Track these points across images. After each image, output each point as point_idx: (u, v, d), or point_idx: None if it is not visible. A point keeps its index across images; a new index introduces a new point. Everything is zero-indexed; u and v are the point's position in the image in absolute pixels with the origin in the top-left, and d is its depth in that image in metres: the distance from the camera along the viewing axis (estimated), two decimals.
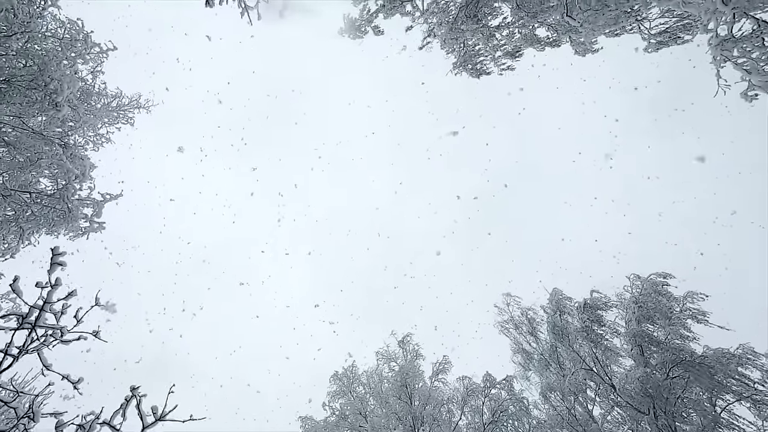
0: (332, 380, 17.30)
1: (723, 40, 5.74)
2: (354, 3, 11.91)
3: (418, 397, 15.84)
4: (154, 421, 4.89)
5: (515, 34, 11.62)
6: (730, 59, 5.76)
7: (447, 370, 17.66)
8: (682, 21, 9.30)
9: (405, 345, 17.47)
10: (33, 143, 8.77)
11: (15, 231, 8.90)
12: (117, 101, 14.53)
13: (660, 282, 16.89)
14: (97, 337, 5.97)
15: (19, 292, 5.07)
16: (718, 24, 6.05)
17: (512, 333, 19.49)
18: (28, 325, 5.17)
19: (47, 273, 5.14)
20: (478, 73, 13.24)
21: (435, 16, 11.86)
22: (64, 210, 8.95)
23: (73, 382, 5.80)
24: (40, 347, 5.36)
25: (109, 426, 5.00)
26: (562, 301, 18.62)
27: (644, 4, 8.06)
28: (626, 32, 9.26)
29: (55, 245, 5.11)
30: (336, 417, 16.05)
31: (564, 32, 9.31)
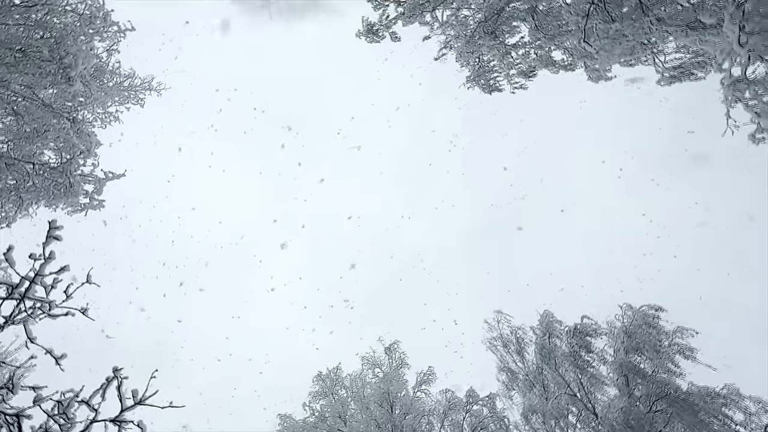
0: (315, 380, 17.23)
1: (736, 81, 5.78)
2: (374, 7, 11.98)
3: (399, 406, 15.77)
4: (133, 404, 4.86)
5: (531, 54, 11.68)
6: (742, 100, 5.80)
7: (431, 381, 17.59)
8: (696, 58, 9.37)
9: (391, 352, 17.42)
10: (41, 115, 8.79)
11: (14, 200, 8.89)
12: (129, 81, 14.57)
13: (651, 314, 16.88)
14: (84, 314, 5.95)
15: (11, 261, 5.05)
16: (732, 64, 6.09)
17: (500, 351, 19.44)
18: (18, 296, 5.15)
19: (42, 245, 5.13)
20: (491, 89, 13.29)
21: (453, 29, 11.93)
22: (65, 184, 8.95)
23: (55, 357, 5.77)
24: (27, 319, 5.34)
25: (87, 405, 4.97)
26: (552, 323, 18.60)
27: (661, 38, 8.13)
28: (641, 63, 9.33)
29: (52, 218, 5.10)
30: (315, 418, 15.97)
31: (579, 57, 9.37)
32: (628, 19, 7.40)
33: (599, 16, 7.63)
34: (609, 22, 7.40)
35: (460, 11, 11.45)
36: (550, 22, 10.10)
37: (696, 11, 7.28)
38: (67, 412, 4.75)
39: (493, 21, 10.20)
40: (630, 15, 7.61)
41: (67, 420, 4.66)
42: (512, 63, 12.11)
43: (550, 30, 10.35)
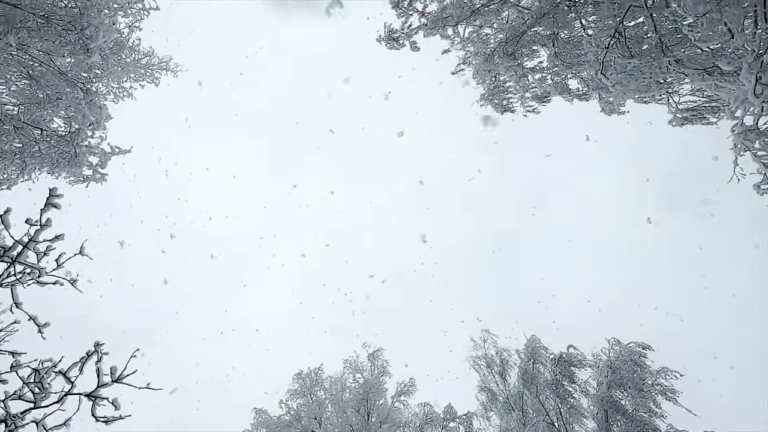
0: (295, 378, 17.13)
1: (747, 130, 5.81)
2: (397, 15, 12.07)
3: (376, 414, 15.65)
4: (111, 381, 4.83)
5: (547, 79, 11.74)
6: (751, 150, 5.82)
7: (411, 392, 17.48)
8: (710, 102, 9.42)
9: (374, 359, 17.33)
10: (56, 82, 8.81)
11: (18, 164, 8.88)
12: (147, 60, 14.64)
13: (638, 352, 16.83)
14: (73, 285, 5.94)
15: (7, 224, 5.04)
16: (745, 113, 6.12)
17: (482, 370, 19.35)
18: (8, 259, 5.14)
19: (39, 211, 5.13)
20: (503, 110, 13.36)
21: (473, 45, 12.00)
22: (70, 153, 8.95)
23: (39, 325, 5.75)
24: (16, 283, 5.33)
25: (64, 377, 4.94)
26: (538, 349, 18.53)
27: (677, 79, 8.17)
28: (655, 101, 9.37)
29: (53, 186, 5.10)
30: (290, 417, 15.85)
31: (595, 88, 9.42)
32: (647, 56, 7.44)
33: (619, 51, 7.68)
34: (628, 57, 7.44)
35: (482, 29, 11.54)
36: (569, 51, 10.17)
37: (715, 57, 7.33)
38: (43, 382, 4.72)
39: (514, 43, 10.26)
40: (649, 53, 7.66)
41: (42, 389, 4.62)
42: (528, 86, 12.17)
43: (568, 58, 10.42)
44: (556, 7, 9.07)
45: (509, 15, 11.17)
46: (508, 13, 11.13)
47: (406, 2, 11.85)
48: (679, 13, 7.14)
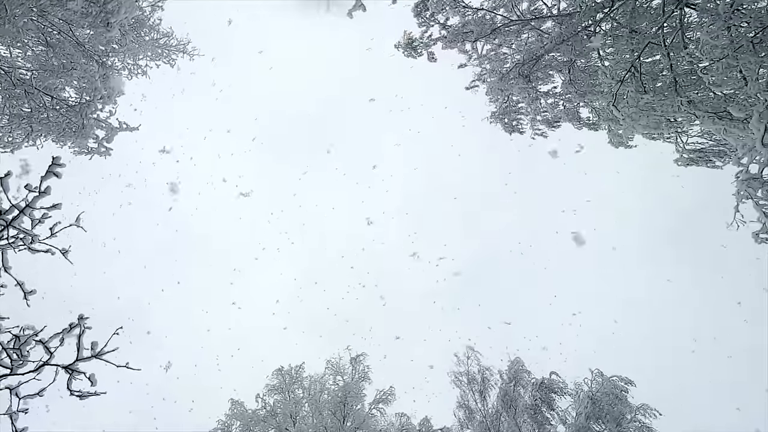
0: (274, 374, 17.03)
1: (751, 178, 5.83)
2: (418, 24, 12.14)
3: (352, 419, 15.55)
4: (90, 356, 4.80)
5: (560, 105, 11.81)
6: (753, 198, 5.84)
7: (389, 401, 17.38)
8: (718, 146, 9.47)
9: (356, 364, 17.25)
10: (73, 52, 8.83)
11: (24, 128, 8.88)
12: (166, 40, 14.70)
13: (620, 386, 16.79)
14: (64, 255, 5.91)
15: (6, 187, 5.03)
16: (751, 161, 6.16)
17: (463, 386, 19.27)
18: (3, 222, 5.12)
19: (40, 178, 5.12)
20: (512, 130, 13.41)
21: (490, 63, 12.07)
22: (78, 124, 8.95)
23: (25, 291, 5.72)
24: (7, 247, 5.31)
25: (44, 346, 4.91)
26: (521, 372, 18.48)
27: (688, 119, 8.22)
28: (663, 139, 9.42)
29: (57, 155, 5.10)
30: (266, 412, 15.75)
31: (605, 119, 9.47)
32: (660, 94, 7.49)
33: (633, 85, 7.73)
34: (641, 92, 7.49)
35: (500, 48, 11.61)
36: (584, 79, 10.24)
37: (727, 102, 7.38)
38: (22, 349, 4.68)
39: (530, 65, 10.33)
40: (663, 90, 7.71)
41: (20, 356, 4.59)
42: (539, 109, 12.23)
43: (582, 86, 10.48)
44: (576, 35, 9.14)
45: (528, 37, 11.25)
46: (528, 35, 11.21)
47: (428, 13, 11.92)
48: (695, 55, 7.20)
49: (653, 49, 8.23)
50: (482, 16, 11.16)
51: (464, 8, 11.32)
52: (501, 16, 10.97)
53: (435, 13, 11.72)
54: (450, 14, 11.55)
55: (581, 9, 8.45)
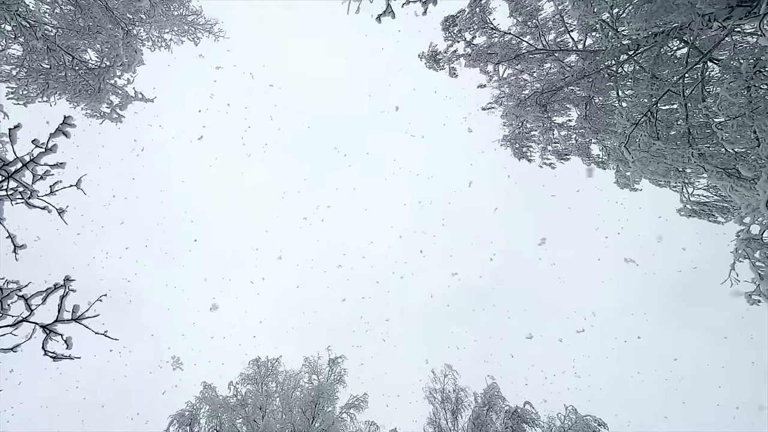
0: (251, 364, 16.91)
1: (751, 238, 5.85)
2: (444, 38, 12.22)
3: (321, 420, 15.43)
4: (70, 319, 4.78)
5: (572, 138, 11.85)
6: (751, 258, 5.85)
7: (361, 407, 17.25)
8: (722, 202, 9.49)
9: (334, 365, 17.14)
10: (100, 16, 8.86)
11: (41, 83, 8.90)
12: (194, 17, 14.78)
13: (593, 426, 16.67)
14: (60, 215, 5.90)
15: (14, 139, 5.03)
16: (753, 222, 6.17)
17: (436, 404, 19.13)
18: (5, 173, 5.12)
19: (48, 135, 5.12)
20: (522, 156, 13.45)
21: (509, 87, 12.14)
22: (95, 87, 8.97)
23: (15, 244, 5.70)
24: (4, 199, 5.30)
25: (25, 302, 4.88)
26: (495, 398, 18.37)
27: (696, 171, 8.25)
28: (670, 187, 9.45)
29: (69, 114, 5.10)
30: (236, 401, 15.62)
31: (615, 160, 9.50)
32: (672, 142, 7.53)
33: (647, 129, 7.77)
34: (654, 138, 7.53)
35: (521, 74, 11.68)
36: (599, 117, 10.28)
37: (737, 159, 7.41)
38: (4, 302, 4.66)
39: (549, 95, 10.38)
40: (675, 139, 7.75)
41: (0, 309, 4.56)
42: (551, 140, 12.27)
43: (597, 123, 10.53)
44: (598, 72, 9.20)
45: (551, 67, 11.33)
46: (550, 65, 11.28)
47: (456, 29, 12.01)
48: (712, 109, 7.25)
49: (671, 97, 8.28)
50: (508, 40, 11.24)
51: (492, 30, 11.41)
52: (527, 43, 11.05)
53: (463, 30, 11.80)
54: (477, 33, 11.63)
55: (606, 48, 8.52)
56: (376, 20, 6.47)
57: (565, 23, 10.53)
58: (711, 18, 6.45)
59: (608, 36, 8.94)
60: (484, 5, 11.39)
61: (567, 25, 10.53)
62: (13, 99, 9.24)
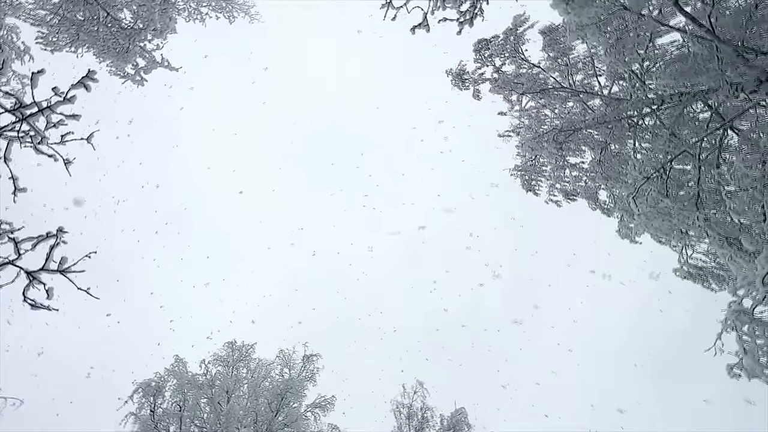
0: (226, 346, 16.84)
1: (742, 311, 5.83)
2: (474, 59, 12.31)
3: (286, 414, 15.33)
4: (56, 269, 4.77)
5: (582, 180, 11.87)
6: (738, 331, 5.84)
7: (327, 409, 17.13)
8: (719, 270, 9.48)
9: (308, 362, 17.05)
10: None
11: (71, 34, 8.96)
12: None
13: None
14: (66, 165, 5.92)
15: (35, 83, 5.06)
16: (746, 295, 6.16)
17: (401, 419, 19.00)
18: (20, 114, 5.14)
19: (69, 86, 5.15)
20: (529, 188, 13.47)
21: (528, 119, 12.19)
22: (124, 47, 9.04)
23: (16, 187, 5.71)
24: (14, 139, 5.32)
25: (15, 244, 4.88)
26: (461, 423, 18.25)
27: (698, 235, 8.26)
28: (670, 246, 9.45)
29: (93, 69, 5.13)
30: (204, 380, 15.53)
31: (621, 209, 9.52)
32: (680, 202, 7.54)
33: (657, 185, 7.78)
34: (663, 195, 7.54)
35: (543, 108, 11.74)
36: (612, 165, 10.31)
37: (741, 231, 7.42)
38: None
39: (566, 134, 10.42)
40: (684, 200, 7.76)
41: None
42: (561, 178, 12.30)
43: (609, 170, 10.55)
44: (619, 121, 9.24)
45: (573, 107, 11.38)
46: (573, 104, 11.34)
47: (488, 53, 12.09)
48: (725, 177, 7.27)
49: (687, 158, 8.31)
50: (536, 73, 11.31)
51: (522, 60, 11.48)
52: (554, 79, 11.12)
53: (494, 55, 11.88)
54: (507, 61, 11.71)
55: (631, 98, 8.57)
56: (410, 31, 6.52)
57: (594, 67, 10.60)
58: (738, 88, 6.49)
59: (635, 87, 9.00)
60: (520, 35, 11.49)
61: (596, 69, 10.60)
62: (42, 44, 9.30)
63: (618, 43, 8.31)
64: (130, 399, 14.24)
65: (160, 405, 14.43)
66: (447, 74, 13.03)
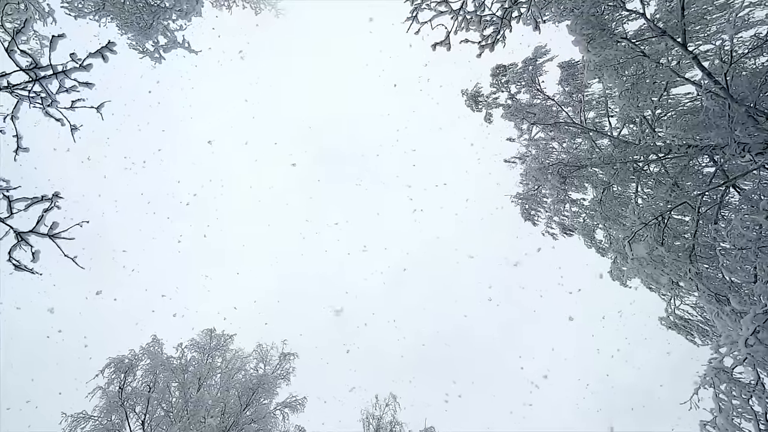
0: (204, 332, 16.70)
1: (722, 369, 5.83)
2: (491, 84, 12.43)
3: (254, 410, 15.15)
4: (45, 234, 4.75)
5: (581, 217, 11.93)
6: (716, 389, 5.82)
7: (297, 409, 16.92)
8: (705, 324, 9.49)
9: (284, 361, 16.90)
10: None
11: (97, 3, 9.01)
12: None
13: None
14: (72, 131, 5.92)
15: (54, 47, 5.08)
16: (728, 354, 6.15)
17: (370, 430, 18.79)
18: (34, 75, 5.15)
19: (87, 53, 5.17)
20: (527, 217, 13.51)
21: (536, 149, 12.28)
22: (147, 23, 9.09)
23: (19, 146, 5.70)
24: (25, 98, 5.33)
25: (9, 202, 4.86)
26: None
27: (689, 287, 8.28)
28: (659, 294, 9.47)
29: (114, 41, 5.16)
30: (178, 364, 15.37)
31: (615, 251, 9.54)
32: (675, 253, 7.57)
33: (654, 232, 7.82)
34: (659, 243, 7.57)
35: (552, 141, 11.84)
36: (613, 206, 10.37)
37: (731, 289, 7.44)
38: None
39: (571, 169, 10.48)
40: (678, 251, 7.79)
41: None
42: (561, 212, 12.35)
43: (609, 211, 10.60)
44: (625, 163, 9.31)
45: (582, 143, 11.47)
46: (582, 141, 11.43)
47: (505, 79, 12.20)
48: (721, 233, 7.30)
49: (686, 209, 8.36)
50: (550, 105, 11.41)
51: (537, 91, 11.60)
52: (566, 114, 11.21)
53: (510, 82, 12.00)
54: (523, 90, 11.83)
55: (639, 143, 8.64)
56: (432, 48, 6.58)
57: (607, 107, 10.71)
58: (745, 148, 6.56)
59: (644, 132, 9.08)
60: (538, 66, 11.61)
61: (609, 109, 10.71)
62: (66, 8, 9.35)
63: (633, 88, 8.41)
64: (101, 373, 14.06)
65: (130, 383, 14.24)
66: (462, 94, 13.14)
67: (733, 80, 6.93)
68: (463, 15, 6.63)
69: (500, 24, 6.71)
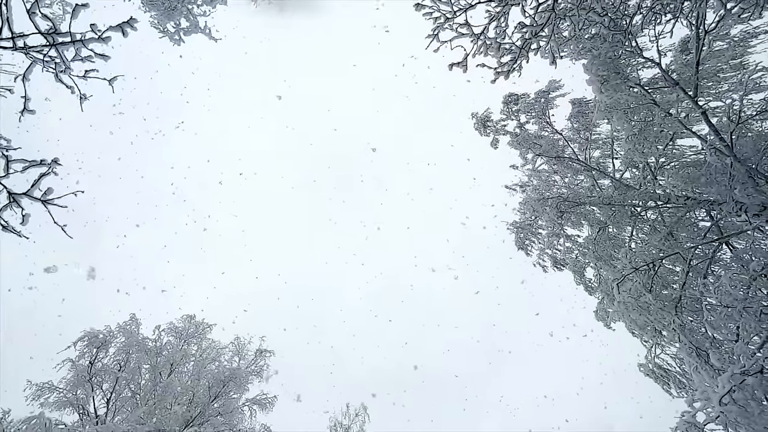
0: (184, 318, 16.53)
1: (694, 425, 5.81)
2: (501, 110, 12.55)
3: (222, 402, 14.94)
4: (38, 199, 4.72)
5: (573, 253, 11.97)
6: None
7: (266, 408, 16.69)
8: (682, 377, 9.50)
9: (259, 357, 16.72)
10: None
11: None
12: None
13: None
14: (81, 101, 5.91)
15: (76, 15, 5.09)
16: (702, 410, 6.14)
17: None
18: (51, 39, 5.16)
19: (107, 27, 5.20)
20: (521, 246, 13.55)
21: (537, 180, 12.36)
22: (171, 4, 9.15)
23: (26, 107, 5.69)
24: (39, 61, 5.33)
25: (6, 161, 4.84)
26: None
27: (671, 336, 8.29)
28: (642, 341, 9.48)
29: (135, 17, 5.18)
30: (153, 346, 15.19)
31: (603, 291, 9.57)
32: (661, 302, 7.59)
33: (643, 279, 7.85)
34: (647, 290, 7.60)
35: (554, 174, 11.92)
36: (606, 246, 10.41)
37: (713, 345, 7.46)
38: None
39: (570, 205, 10.55)
40: (665, 300, 7.81)
41: None
42: (554, 245, 12.39)
43: (602, 251, 10.65)
44: (623, 207, 9.38)
45: (583, 180, 11.56)
46: (584, 178, 11.52)
47: (516, 108, 12.32)
48: (709, 288, 7.34)
49: (678, 260, 8.41)
50: (557, 139, 11.52)
51: (547, 124, 11.71)
52: (571, 149, 11.32)
53: (521, 111, 12.12)
54: (532, 120, 11.95)
55: (639, 188, 8.71)
56: (448, 68, 6.65)
57: (613, 149, 10.82)
58: (743, 208, 6.62)
59: (646, 178, 9.16)
60: (550, 99, 11.75)
61: (614, 151, 10.82)
62: None
63: (640, 134, 8.51)
64: (73, 345, 13.83)
65: (101, 359, 14.02)
66: (472, 117, 13.25)
67: (739, 140, 7.02)
68: (483, 40, 6.71)
69: (518, 54, 6.79)
